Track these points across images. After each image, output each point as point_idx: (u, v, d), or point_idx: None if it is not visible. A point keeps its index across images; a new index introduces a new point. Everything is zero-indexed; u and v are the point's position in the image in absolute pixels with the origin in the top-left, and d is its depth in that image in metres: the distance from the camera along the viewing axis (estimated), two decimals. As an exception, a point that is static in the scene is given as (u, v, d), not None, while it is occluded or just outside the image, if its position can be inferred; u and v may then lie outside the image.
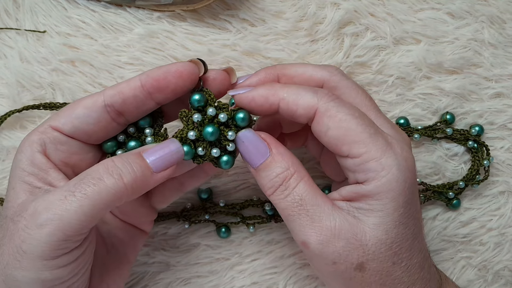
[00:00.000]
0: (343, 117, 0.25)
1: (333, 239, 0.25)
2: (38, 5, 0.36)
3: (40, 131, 0.26)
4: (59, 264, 0.24)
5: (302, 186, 0.26)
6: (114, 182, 0.24)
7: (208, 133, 0.27)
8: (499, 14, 0.38)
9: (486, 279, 0.38)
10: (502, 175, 0.39)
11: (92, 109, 0.26)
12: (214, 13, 0.37)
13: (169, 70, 0.26)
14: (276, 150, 0.26)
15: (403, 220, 0.25)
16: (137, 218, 0.32)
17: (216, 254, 0.37)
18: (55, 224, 0.23)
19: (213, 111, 0.27)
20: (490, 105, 0.39)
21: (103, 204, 0.23)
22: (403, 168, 0.25)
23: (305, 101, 0.26)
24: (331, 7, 0.37)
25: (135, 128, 0.28)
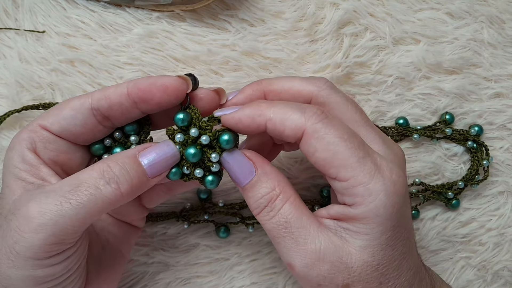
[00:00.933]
0: (331, 139, 0.24)
1: (318, 262, 0.25)
2: (38, 5, 0.36)
3: (29, 129, 0.26)
4: (51, 262, 0.24)
5: (288, 207, 0.25)
6: (111, 191, 0.24)
7: (190, 154, 0.26)
8: (499, 14, 0.38)
9: (486, 279, 0.38)
10: (502, 175, 0.39)
11: (79, 111, 0.26)
12: (214, 13, 0.37)
13: (155, 83, 0.26)
14: (261, 170, 0.26)
15: (391, 243, 0.25)
16: (128, 216, 0.32)
17: (216, 254, 0.37)
18: (49, 230, 0.23)
19: (196, 132, 0.26)
20: (489, 105, 0.39)
21: (97, 211, 0.24)
22: (391, 193, 0.24)
23: (292, 122, 0.25)
24: (331, 7, 0.37)
25: (121, 134, 0.28)
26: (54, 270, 0.24)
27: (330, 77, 0.36)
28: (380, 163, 0.25)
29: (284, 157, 0.37)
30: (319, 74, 0.37)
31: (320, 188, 0.38)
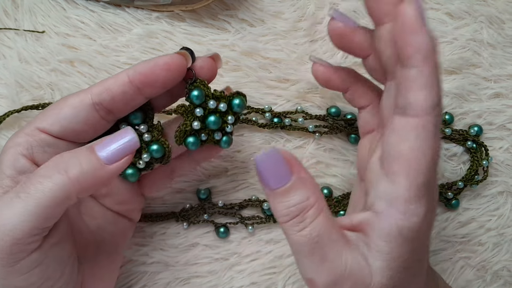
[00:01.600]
0: (426, 147, 0.22)
1: (342, 280, 0.23)
2: (37, 6, 0.36)
3: (26, 133, 0.25)
4: (22, 270, 0.23)
5: (321, 220, 0.23)
6: (59, 177, 0.22)
7: (212, 122, 0.29)
8: (498, 14, 0.38)
9: (485, 279, 0.38)
10: (501, 175, 0.39)
11: (80, 108, 0.25)
12: (213, 13, 0.37)
13: (157, 63, 0.25)
14: (298, 175, 0.23)
15: (406, 265, 0.23)
16: (127, 205, 0.31)
17: (215, 254, 0.37)
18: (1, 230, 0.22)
19: (214, 103, 0.28)
20: (489, 105, 0.39)
21: (49, 202, 0.22)
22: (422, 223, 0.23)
23: (424, 99, 0.22)
24: (330, 7, 0.37)
25: (127, 125, 0.28)
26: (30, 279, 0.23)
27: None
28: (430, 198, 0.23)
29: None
30: (319, 74, 0.37)
31: (320, 188, 0.38)
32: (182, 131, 0.28)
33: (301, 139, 0.38)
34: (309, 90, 0.37)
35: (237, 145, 0.37)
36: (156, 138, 0.28)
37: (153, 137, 0.28)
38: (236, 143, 0.37)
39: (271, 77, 0.37)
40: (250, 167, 0.37)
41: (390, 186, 0.23)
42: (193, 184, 0.37)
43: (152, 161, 0.29)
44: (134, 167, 0.29)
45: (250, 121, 0.36)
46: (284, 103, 0.37)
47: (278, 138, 0.37)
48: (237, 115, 0.30)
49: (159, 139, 0.28)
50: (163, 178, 0.32)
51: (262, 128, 0.37)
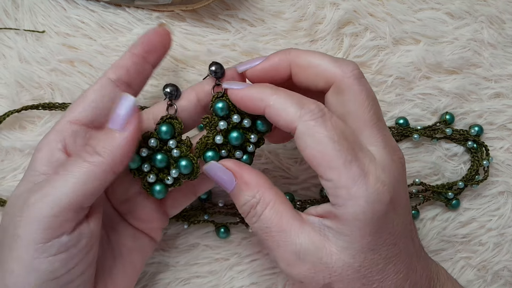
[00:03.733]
0: (320, 138, 0.25)
1: (298, 263, 0.26)
2: (37, 5, 0.36)
3: (57, 129, 0.28)
4: (50, 250, 0.24)
5: (268, 213, 0.26)
6: (89, 155, 0.25)
7: (233, 137, 0.28)
8: (499, 14, 0.38)
9: (486, 279, 0.38)
10: (502, 175, 0.39)
11: (102, 90, 0.28)
12: (213, 13, 0.37)
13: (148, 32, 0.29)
14: (240, 180, 0.27)
15: (372, 247, 0.25)
16: (150, 223, 0.32)
17: (215, 254, 0.37)
18: (43, 201, 0.24)
19: (238, 118, 0.28)
20: (489, 105, 0.39)
21: (85, 176, 0.25)
22: (372, 201, 0.24)
23: (288, 114, 0.25)
24: (331, 7, 0.37)
25: (157, 141, 0.28)
26: (54, 264, 0.24)
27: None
28: (367, 169, 0.25)
29: (284, 157, 0.37)
30: (319, 74, 0.37)
31: (320, 188, 0.38)
32: (203, 143, 0.29)
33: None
34: (309, 90, 0.37)
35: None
36: (185, 154, 0.29)
37: (181, 153, 0.29)
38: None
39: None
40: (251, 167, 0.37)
41: (327, 183, 0.25)
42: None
43: (180, 177, 0.29)
44: (162, 183, 0.29)
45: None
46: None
47: (278, 138, 0.37)
48: (260, 135, 0.29)
49: (187, 154, 0.29)
50: (186, 195, 0.33)
51: (262, 128, 0.37)
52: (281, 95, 0.26)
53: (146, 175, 0.29)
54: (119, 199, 0.31)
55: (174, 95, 0.29)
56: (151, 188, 0.29)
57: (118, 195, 0.31)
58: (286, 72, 0.28)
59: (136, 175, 0.29)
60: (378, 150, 0.26)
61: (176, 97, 0.29)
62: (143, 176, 0.29)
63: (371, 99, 0.27)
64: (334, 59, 0.27)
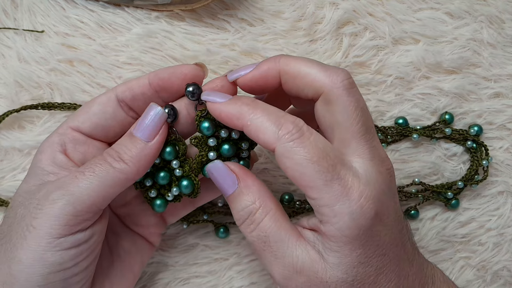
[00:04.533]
0: (299, 161, 0.24)
1: (295, 275, 0.25)
2: (36, 5, 0.36)
3: (59, 132, 0.28)
4: (63, 245, 0.25)
5: (267, 221, 0.26)
6: (115, 161, 0.26)
7: (225, 150, 0.29)
8: (498, 14, 0.38)
9: (485, 279, 0.38)
10: (501, 175, 0.39)
11: (107, 105, 0.28)
12: (213, 13, 0.37)
13: (175, 71, 0.28)
14: (243, 183, 0.27)
15: (362, 260, 0.25)
16: (148, 228, 0.32)
17: (215, 254, 0.37)
18: (66, 199, 0.25)
19: (226, 132, 0.29)
20: (489, 105, 0.39)
21: (110, 181, 0.25)
22: (357, 216, 0.24)
23: (265, 136, 0.25)
24: (330, 6, 0.37)
25: (159, 159, 0.29)
26: (64, 257, 0.25)
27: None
28: (350, 185, 0.24)
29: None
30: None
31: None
32: (199, 162, 0.29)
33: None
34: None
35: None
36: (187, 174, 0.29)
37: (184, 173, 0.29)
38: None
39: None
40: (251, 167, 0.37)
41: (311, 201, 0.25)
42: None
43: (181, 195, 0.30)
44: (162, 198, 0.30)
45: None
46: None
47: (278, 138, 0.37)
48: (251, 141, 0.29)
49: (189, 175, 0.29)
50: (185, 206, 0.33)
51: (262, 128, 0.37)
52: (258, 114, 0.25)
53: (148, 189, 0.30)
54: (118, 203, 0.32)
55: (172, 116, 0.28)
56: (151, 202, 0.30)
57: (117, 199, 0.31)
58: (276, 81, 0.28)
59: (138, 188, 0.30)
60: (364, 162, 0.26)
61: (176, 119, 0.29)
62: (145, 189, 0.30)
63: (359, 110, 0.26)
64: (325, 68, 0.26)
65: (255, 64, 0.28)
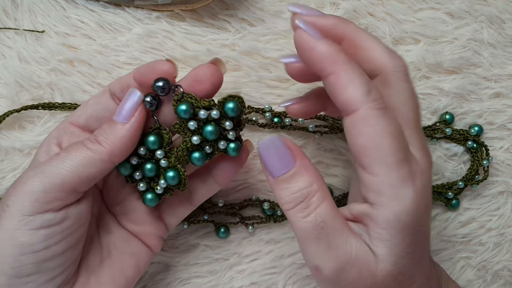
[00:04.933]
0: (379, 131, 0.23)
1: (348, 267, 0.24)
2: (37, 5, 0.36)
3: (58, 127, 0.29)
4: (32, 223, 0.25)
5: (325, 206, 0.24)
6: (90, 143, 0.26)
7: (208, 132, 0.27)
8: (499, 14, 0.38)
9: (486, 279, 0.38)
10: (502, 175, 0.39)
11: (101, 97, 0.29)
12: (213, 13, 0.37)
13: (150, 67, 0.28)
14: (301, 162, 0.25)
15: (410, 250, 0.24)
16: (143, 226, 0.31)
17: (215, 254, 0.37)
18: (37, 176, 0.25)
19: (205, 113, 0.27)
20: (489, 105, 0.39)
21: (83, 160, 0.26)
22: (416, 204, 0.23)
23: (353, 92, 0.23)
24: (330, 7, 0.37)
25: (146, 150, 0.29)
26: (33, 238, 0.25)
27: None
28: (415, 171, 0.24)
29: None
30: (319, 74, 0.37)
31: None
32: (184, 149, 0.28)
33: (302, 139, 0.38)
34: (309, 89, 0.37)
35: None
36: (173, 165, 0.28)
37: (170, 164, 0.28)
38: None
39: (271, 77, 0.37)
40: (251, 167, 0.37)
41: (371, 178, 0.23)
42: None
43: (170, 187, 0.29)
44: (153, 192, 0.29)
45: (250, 120, 0.36)
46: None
47: (278, 138, 0.37)
48: (236, 120, 0.28)
49: (175, 165, 0.28)
50: (182, 202, 0.32)
51: (262, 128, 0.37)
52: (353, 67, 0.23)
53: (138, 183, 0.29)
54: (113, 201, 0.31)
55: (154, 104, 0.28)
56: (142, 196, 0.30)
57: (112, 196, 0.31)
58: (335, 40, 0.25)
59: (129, 181, 0.29)
60: (417, 152, 0.25)
61: (158, 107, 0.28)
62: (135, 183, 0.29)
63: (415, 98, 0.26)
64: (388, 49, 0.25)
65: (321, 13, 0.27)
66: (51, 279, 0.26)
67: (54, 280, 0.26)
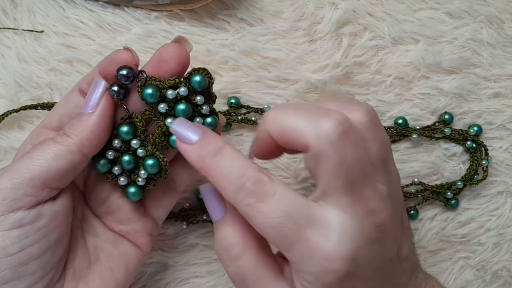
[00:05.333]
0: (259, 225, 0.23)
1: None
2: (36, 5, 0.36)
3: (33, 133, 0.29)
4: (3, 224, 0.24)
5: (245, 258, 0.25)
6: (58, 137, 0.26)
7: (180, 110, 0.27)
8: (498, 14, 0.38)
9: (485, 279, 0.38)
10: (501, 175, 0.39)
11: (70, 95, 0.29)
12: (212, 13, 0.37)
13: (112, 59, 0.27)
14: (230, 213, 0.26)
15: None
16: (130, 224, 0.30)
17: (214, 254, 0.37)
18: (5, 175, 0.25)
19: (173, 93, 0.27)
20: (488, 105, 0.39)
21: (52, 153, 0.25)
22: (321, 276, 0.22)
23: (225, 196, 0.24)
24: (330, 7, 0.37)
25: (120, 142, 0.28)
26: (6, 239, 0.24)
27: (329, 77, 0.36)
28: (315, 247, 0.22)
29: (283, 156, 0.37)
30: (318, 74, 0.37)
31: None
32: (160, 134, 0.27)
33: (301, 139, 0.38)
34: (308, 89, 0.37)
35: (236, 145, 0.37)
36: (151, 153, 0.28)
37: (147, 152, 0.28)
38: (235, 143, 0.37)
39: (270, 77, 0.37)
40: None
41: None
42: (192, 184, 0.37)
43: (152, 177, 0.28)
44: (135, 185, 0.28)
45: (249, 120, 0.36)
46: (283, 102, 0.37)
47: (277, 138, 0.37)
48: (206, 93, 0.27)
49: (154, 153, 0.28)
50: (166, 192, 0.31)
51: (261, 128, 0.37)
52: (218, 169, 0.24)
53: (118, 177, 0.28)
54: (96, 202, 0.30)
55: (122, 93, 0.27)
56: (125, 191, 0.29)
57: (95, 198, 0.30)
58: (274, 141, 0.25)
59: (109, 178, 0.29)
60: (342, 217, 0.23)
61: (126, 95, 0.28)
62: (116, 178, 0.29)
63: (344, 167, 0.23)
64: (312, 118, 0.23)
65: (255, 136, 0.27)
66: (31, 285, 0.25)
67: (35, 286, 0.25)
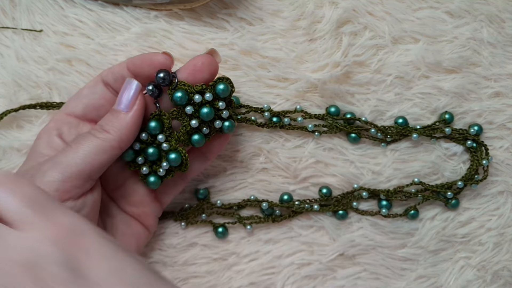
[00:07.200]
0: None
1: None
2: (35, 4, 0.36)
3: (55, 119, 0.31)
4: None
5: None
6: (98, 132, 0.28)
7: (205, 114, 0.30)
8: (498, 13, 0.38)
9: (485, 279, 0.38)
10: (501, 174, 0.39)
11: (95, 86, 0.31)
12: (212, 12, 0.37)
13: (145, 60, 0.30)
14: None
15: None
16: (142, 207, 0.33)
17: (214, 254, 0.37)
18: (54, 167, 0.27)
19: (199, 97, 0.30)
20: (489, 105, 0.38)
21: (94, 148, 0.28)
22: None
23: None
24: (329, 6, 0.37)
25: (147, 135, 0.31)
26: None
27: (329, 76, 0.36)
28: None
29: (283, 157, 0.37)
30: (318, 73, 0.37)
31: (319, 188, 0.38)
32: (184, 133, 0.31)
33: (300, 139, 0.37)
34: (308, 89, 0.37)
35: (236, 145, 0.37)
36: (174, 147, 0.31)
37: (171, 146, 0.31)
38: (235, 142, 0.37)
39: (270, 76, 0.37)
40: (249, 166, 0.37)
41: None
42: (192, 184, 0.37)
43: (172, 169, 0.31)
44: (155, 174, 0.31)
45: (249, 120, 0.36)
46: (283, 102, 0.37)
47: (277, 138, 0.37)
48: (227, 100, 0.31)
49: (176, 148, 0.31)
50: (176, 180, 0.34)
51: (261, 128, 0.37)
52: None
53: (140, 167, 0.31)
54: (112, 185, 0.33)
55: (156, 93, 0.30)
56: (146, 179, 0.31)
57: (111, 181, 0.32)
58: None
59: (131, 167, 0.31)
60: None
61: (159, 95, 0.31)
62: (138, 168, 0.31)
63: None
64: None
65: None
66: None
67: None
